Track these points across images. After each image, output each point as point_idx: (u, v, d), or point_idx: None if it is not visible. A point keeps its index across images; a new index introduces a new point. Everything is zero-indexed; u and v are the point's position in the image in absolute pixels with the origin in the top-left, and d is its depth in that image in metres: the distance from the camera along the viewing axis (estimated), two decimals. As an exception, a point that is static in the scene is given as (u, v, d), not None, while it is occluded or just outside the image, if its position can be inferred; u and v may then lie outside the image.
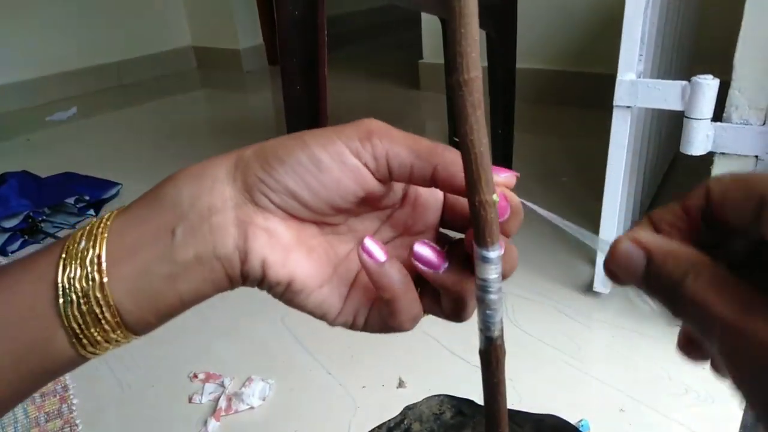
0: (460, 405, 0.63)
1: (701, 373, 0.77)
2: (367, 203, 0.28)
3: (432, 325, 0.79)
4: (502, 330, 0.26)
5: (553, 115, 1.85)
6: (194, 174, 0.26)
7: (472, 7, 0.19)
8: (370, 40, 3.22)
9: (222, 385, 0.80)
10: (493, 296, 0.24)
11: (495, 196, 0.22)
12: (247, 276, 0.26)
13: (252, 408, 0.76)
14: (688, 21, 1.16)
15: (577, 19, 1.80)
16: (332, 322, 0.28)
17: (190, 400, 0.79)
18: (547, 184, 1.35)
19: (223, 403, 0.77)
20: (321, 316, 0.28)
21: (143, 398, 0.80)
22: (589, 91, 1.80)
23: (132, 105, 2.35)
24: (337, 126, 0.26)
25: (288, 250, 0.26)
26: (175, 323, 0.27)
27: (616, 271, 0.22)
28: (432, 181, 0.26)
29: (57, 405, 0.79)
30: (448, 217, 0.30)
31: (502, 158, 1.24)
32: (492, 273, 0.24)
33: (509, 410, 0.67)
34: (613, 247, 0.22)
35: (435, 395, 0.54)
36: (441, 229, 0.30)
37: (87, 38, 2.48)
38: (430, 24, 2.02)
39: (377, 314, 0.28)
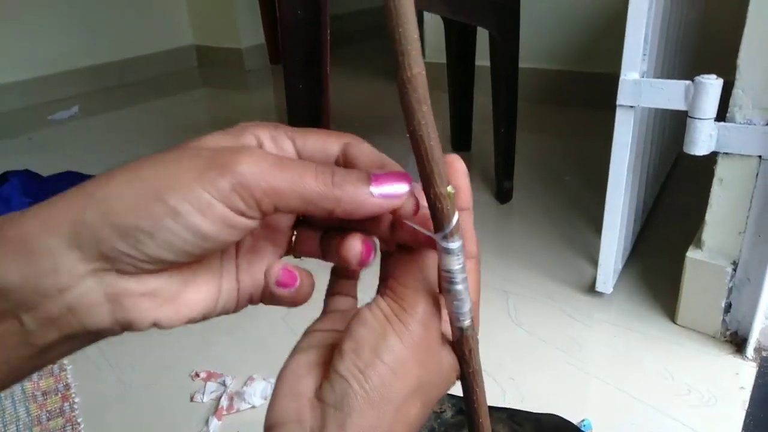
0: (461, 403, 0.62)
1: (704, 373, 0.76)
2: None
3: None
4: (472, 320, 0.26)
5: (556, 114, 1.85)
6: (13, 251, 0.21)
7: (407, 6, 0.19)
8: (371, 39, 3.22)
9: (223, 384, 0.80)
10: (458, 286, 0.24)
11: (450, 188, 0.23)
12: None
13: (254, 407, 0.76)
14: (692, 20, 1.16)
15: (580, 19, 1.80)
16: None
17: (191, 398, 0.79)
18: (549, 184, 1.35)
19: (224, 402, 0.77)
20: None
21: (145, 397, 0.80)
22: (591, 90, 1.80)
23: (134, 104, 2.35)
24: (198, 158, 0.22)
25: (177, 298, 0.24)
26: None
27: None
28: (329, 219, 0.25)
29: (59, 403, 0.79)
30: None
31: (505, 158, 1.24)
32: (455, 264, 0.24)
33: (510, 409, 0.67)
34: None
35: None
36: None
37: (89, 37, 2.48)
38: (432, 23, 2.02)
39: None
